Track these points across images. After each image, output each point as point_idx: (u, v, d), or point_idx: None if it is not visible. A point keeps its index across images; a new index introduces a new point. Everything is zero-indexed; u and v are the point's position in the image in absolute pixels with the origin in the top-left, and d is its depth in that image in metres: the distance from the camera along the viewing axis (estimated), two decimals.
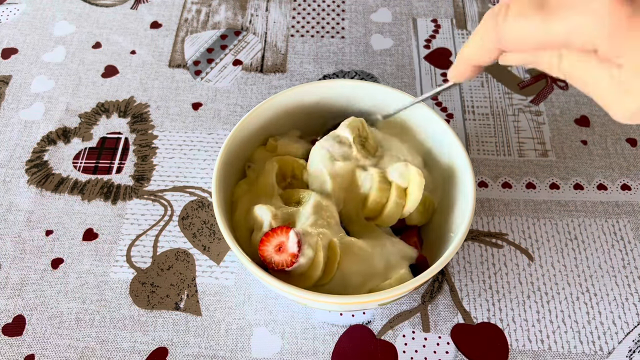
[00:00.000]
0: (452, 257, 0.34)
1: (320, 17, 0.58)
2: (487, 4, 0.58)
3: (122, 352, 0.38)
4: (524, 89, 0.52)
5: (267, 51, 0.55)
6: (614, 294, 0.41)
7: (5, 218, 0.44)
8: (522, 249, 0.43)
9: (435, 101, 0.51)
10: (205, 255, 0.43)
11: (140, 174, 0.47)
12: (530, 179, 0.46)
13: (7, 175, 0.47)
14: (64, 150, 0.48)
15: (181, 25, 0.57)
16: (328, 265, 0.35)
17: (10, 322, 0.40)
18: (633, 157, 0.48)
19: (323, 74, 0.53)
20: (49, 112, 0.50)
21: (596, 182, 0.46)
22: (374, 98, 0.42)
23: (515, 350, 0.39)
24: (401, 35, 0.56)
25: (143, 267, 0.42)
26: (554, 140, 0.49)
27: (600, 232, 0.44)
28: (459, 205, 0.37)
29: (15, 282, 0.41)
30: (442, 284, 0.41)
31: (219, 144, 0.49)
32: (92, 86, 0.52)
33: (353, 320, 0.40)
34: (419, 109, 0.40)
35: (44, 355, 0.38)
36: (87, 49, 0.55)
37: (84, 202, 0.45)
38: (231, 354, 0.38)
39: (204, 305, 0.40)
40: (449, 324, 0.40)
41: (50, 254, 0.43)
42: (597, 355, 0.38)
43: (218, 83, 0.53)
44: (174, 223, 0.44)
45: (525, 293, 0.41)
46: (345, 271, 0.35)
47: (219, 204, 0.35)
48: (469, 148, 0.48)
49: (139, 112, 0.50)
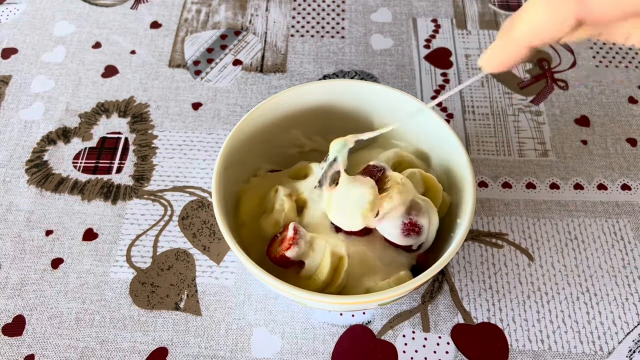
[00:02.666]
0: (452, 257, 0.34)
1: (320, 17, 0.58)
2: (487, 4, 0.58)
3: (122, 352, 0.38)
4: (524, 89, 0.52)
5: (267, 51, 0.55)
6: (614, 294, 0.41)
7: (5, 218, 0.44)
8: (522, 249, 0.43)
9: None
10: (205, 255, 0.43)
11: (140, 174, 0.47)
12: (530, 179, 0.46)
13: (7, 175, 0.47)
14: (64, 150, 0.48)
15: (181, 25, 0.57)
16: (336, 274, 0.35)
17: (10, 322, 0.40)
18: (633, 157, 0.48)
19: (323, 74, 0.53)
20: (49, 112, 0.50)
21: (596, 182, 0.46)
22: (375, 98, 0.41)
23: (515, 350, 0.39)
24: (401, 35, 0.56)
25: (143, 267, 0.42)
26: (554, 140, 0.49)
27: (600, 232, 0.44)
28: (459, 206, 0.37)
29: (15, 282, 0.41)
30: (442, 284, 0.41)
31: (219, 144, 0.49)
32: (92, 86, 0.52)
33: (353, 320, 0.40)
34: (418, 109, 0.40)
35: (44, 355, 0.38)
36: (87, 49, 0.55)
37: (84, 202, 0.45)
38: (231, 354, 0.38)
39: (204, 305, 0.40)
40: (449, 324, 0.40)
41: (50, 254, 0.43)
42: (597, 355, 0.38)
43: (218, 83, 0.53)
44: (174, 223, 0.44)
45: (525, 293, 0.41)
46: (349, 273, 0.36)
47: (219, 204, 0.35)
48: (469, 148, 0.48)
49: (139, 112, 0.51)
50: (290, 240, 0.35)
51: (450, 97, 0.51)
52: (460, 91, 0.52)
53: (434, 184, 0.38)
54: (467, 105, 0.51)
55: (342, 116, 0.43)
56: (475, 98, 0.51)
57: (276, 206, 0.38)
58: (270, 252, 0.36)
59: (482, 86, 0.52)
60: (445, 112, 0.50)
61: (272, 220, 0.38)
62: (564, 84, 0.52)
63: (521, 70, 0.53)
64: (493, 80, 0.53)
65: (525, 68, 0.53)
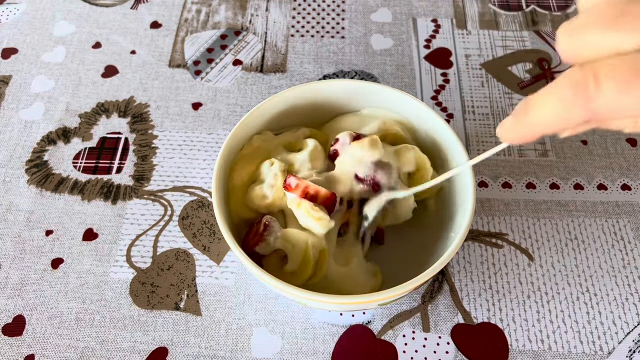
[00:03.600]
0: (452, 257, 0.34)
1: (320, 17, 0.58)
2: (487, 4, 0.58)
3: (122, 352, 0.38)
4: (524, 89, 0.52)
5: (267, 51, 0.55)
6: (614, 294, 0.41)
7: (5, 218, 0.44)
8: (522, 249, 0.43)
9: (435, 101, 0.51)
10: (205, 255, 0.43)
11: (140, 173, 0.47)
12: (530, 179, 0.46)
13: (7, 175, 0.47)
14: (64, 150, 0.48)
15: (181, 25, 0.57)
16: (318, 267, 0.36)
17: (10, 322, 0.40)
18: (633, 157, 0.48)
19: (323, 74, 0.53)
20: (49, 112, 0.50)
21: (596, 182, 0.46)
22: (375, 98, 0.42)
23: (515, 350, 0.39)
24: (401, 35, 0.56)
25: (143, 267, 0.42)
26: (554, 140, 0.49)
27: (600, 232, 0.44)
28: (459, 205, 0.37)
29: (15, 282, 0.41)
30: (442, 284, 0.41)
31: (219, 144, 0.49)
32: (92, 86, 0.52)
33: (353, 320, 0.40)
34: (418, 109, 0.40)
35: (44, 355, 0.38)
36: (87, 49, 0.55)
37: (84, 202, 0.45)
38: (231, 354, 0.38)
39: (204, 305, 0.40)
40: (449, 324, 0.40)
41: (50, 254, 0.43)
42: (597, 355, 0.38)
43: (218, 83, 0.53)
44: (174, 223, 0.44)
45: (525, 293, 0.41)
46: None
47: (219, 204, 0.35)
48: (469, 148, 0.48)
49: (139, 112, 0.51)
50: (259, 236, 0.36)
51: (451, 97, 0.51)
52: (461, 91, 0.52)
53: (424, 166, 0.39)
54: (467, 105, 0.51)
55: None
56: (475, 98, 0.51)
57: (269, 179, 0.37)
58: (246, 242, 0.37)
59: (482, 86, 0.52)
60: (446, 112, 0.50)
61: (260, 192, 0.37)
62: None
63: (521, 70, 0.53)
64: (493, 80, 0.53)
65: (526, 68, 0.53)
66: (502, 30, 0.56)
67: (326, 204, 0.36)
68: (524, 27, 0.56)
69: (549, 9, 0.58)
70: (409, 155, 0.38)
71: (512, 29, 0.56)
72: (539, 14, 0.58)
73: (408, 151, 0.38)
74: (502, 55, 0.54)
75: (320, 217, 0.35)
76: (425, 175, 0.38)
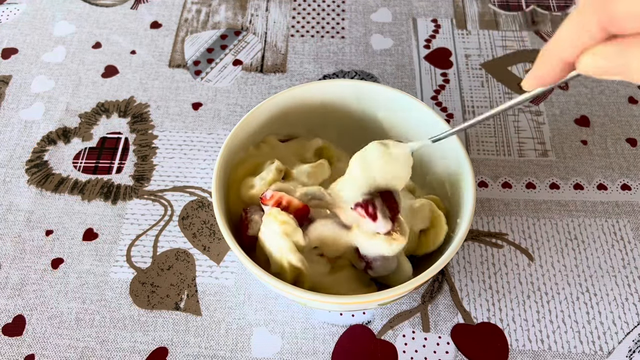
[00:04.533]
0: (452, 257, 0.34)
1: (320, 17, 0.58)
2: (487, 4, 0.59)
3: (122, 352, 0.38)
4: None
5: (267, 51, 0.55)
6: (614, 294, 0.41)
7: (5, 218, 0.44)
8: (522, 249, 0.43)
9: (435, 101, 0.51)
10: (205, 255, 0.43)
11: (140, 174, 0.47)
12: (530, 179, 0.46)
13: (7, 175, 0.47)
14: (64, 150, 0.48)
15: (181, 25, 0.57)
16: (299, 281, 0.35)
17: (10, 322, 0.40)
18: (633, 157, 0.48)
19: (323, 74, 0.53)
20: (49, 112, 0.50)
21: (596, 182, 0.46)
22: (375, 98, 0.42)
23: (515, 350, 0.39)
24: (401, 35, 0.56)
25: (143, 267, 0.42)
26: (554, 140, 0.49)
27: (600, 232, 0.44)
28: (459, 205, 0.37)
29: (15, 282, 0.41)
30: (442, 284, 0.41)
31: (219, 144, 0.49)
32: (92, 86, 0.52)
33: (353, 320, 0.40)
34: (418, 110, 0.40)
35: (44, 355, 0.38)
36: (87, 49, 0.55)
37: (84, 202, 0.45)
38: (231, 354, 0.38)
39: (204, 305, 0.40)
40: (449, 324, 0.40)
41: (50, 254, 0.43)
42: (597, 355, 0.38)
43: (218, 83, 0.53)
44: (174, 223, 0.44)
45: (525, 293, 0.41)
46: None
47: (219, 204, 0.35)
48: (469, 148, 0.48)
49: (139, 112, 0.51)
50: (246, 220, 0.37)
51: (451, 97, 0.51)
52: (461, 91, 0.52)
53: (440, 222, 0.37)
54: (467, 105, 0.51)
55: (342, 116, 0.43)
56: (475, 98, 0.51)
57: (263, 173, 0.37)
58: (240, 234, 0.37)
59: (482, 86, 0.52)
60: (445, 112, 0.50)
61: (250, 182, 0.37)
62: (564, 84, 0.52)
63: (521, 70, 0.53)
64: (493, 80, 0.53)
65: (526, 68, 0.53)
66: (502, 31, 0.56)
67: (297, 214, 0.35)
68: (524, 27, 0.56)
69: (549, 9, 0.58)
70: (424, 211, 0.37)
71: (512, 29, 0.56)
72: (539, 14, 0.58)
73: (422, 207, 0.38)
74: (502, 55, 0.54)
75: (285, 220, 0.34)
76: (439, 235, 0.37)
